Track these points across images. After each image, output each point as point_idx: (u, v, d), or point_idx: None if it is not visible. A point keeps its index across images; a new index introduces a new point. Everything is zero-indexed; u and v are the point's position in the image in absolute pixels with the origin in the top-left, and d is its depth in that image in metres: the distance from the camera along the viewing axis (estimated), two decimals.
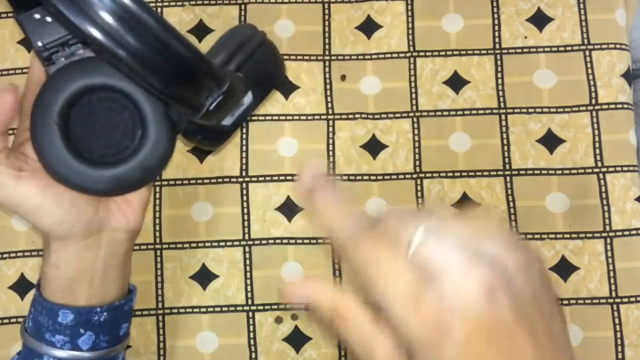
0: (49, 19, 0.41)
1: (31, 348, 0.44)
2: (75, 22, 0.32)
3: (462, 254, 0.29)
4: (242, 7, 0.59)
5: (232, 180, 0.56)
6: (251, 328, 0.54)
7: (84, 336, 0.44)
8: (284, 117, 0.58)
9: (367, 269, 0.30)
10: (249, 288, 0.55)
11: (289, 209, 0.56)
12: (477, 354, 0.28)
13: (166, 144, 0.43)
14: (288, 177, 0.56)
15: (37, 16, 0.41)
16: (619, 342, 0.54)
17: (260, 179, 0.56)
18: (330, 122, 0.58)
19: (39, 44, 0.41)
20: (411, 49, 0.59)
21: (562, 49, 0.59)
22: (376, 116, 0.58)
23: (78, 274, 0.43)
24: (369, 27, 0.59)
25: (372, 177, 0.57)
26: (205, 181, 0.56)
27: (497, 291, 0.28)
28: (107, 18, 0.33)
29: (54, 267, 0.44)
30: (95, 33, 0.33)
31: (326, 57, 0.59)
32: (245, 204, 0.56)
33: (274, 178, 0.57)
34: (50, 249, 0.44)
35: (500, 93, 0.58)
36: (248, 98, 0.42)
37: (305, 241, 0.55)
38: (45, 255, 0.44)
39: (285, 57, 0.58)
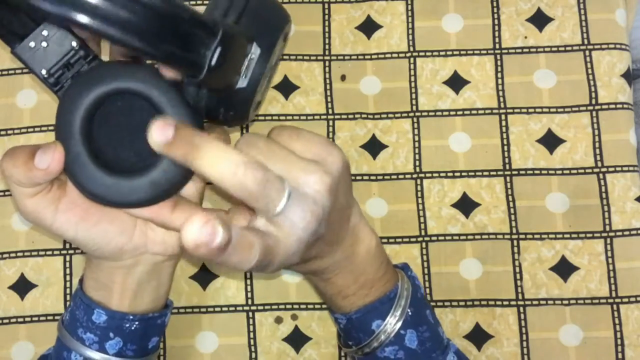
0: (44, 43, 0.40)
1: (63, 341, 0.45)
2: (58, 12, 0.30)
3: (306, 212, 0.38)
4: None
5: None
6: (251, 328, 0.55)
7: (112, 340, 0.44)
8: (283, 117, 0.58)
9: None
10: (249, 288, 0.55)
11: None
12: (304, 247, 0.39)
13: None
14: None
15: (32, 44, 0.40)
16: (619, 342, 0.54)
17: None
18: (330, 122, 0.58)
19: (43, 72, 0.40)
20: (411, 49, 0.59)
21: (562, 49, 0.59)
22: (376, 116, 0.58)
23: (111, 282, 0.44)
24: (369, 27, 0.59)
25: (372, 177, 0.57)
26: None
27: (319, 226, 0.38)
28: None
29: (91, 268, 0.45)
30: (81, 18, 0.31)
31: (326, 57, 0.59)
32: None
33: None
34: (90, 255, 0.45)
35: (500, 93, 0.58)
36: (255, 51, 0.39)
37: None
38: (87, 256, 0.45)
39: (285, 57, 0.58)
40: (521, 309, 0.55)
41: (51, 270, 0.55)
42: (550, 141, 0.57)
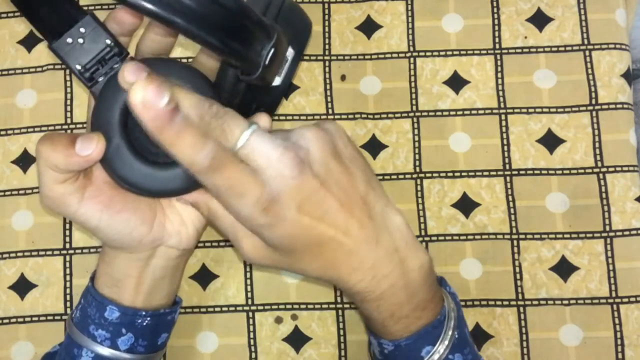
0: (80, 40, 0.41)
1: (73, 339, 0.45)
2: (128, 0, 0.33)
3: (275, 144, 0.37)
4: None
5: None
6: (251, 328, 0.55)
7: (125, 337, 0.44)
8: (284, 117, 0.58)
9: (217, 194, 0.37)
10: (249, 288, 0.55)
11: None
12: (305, 217, 0.37)
13: None
14: None
15: (70, 40, 0.41)
16: (619, 342, 0.54)
17: None
18: None
19: (78, 67, 0.41)
20: (411, 49, 0.59)
21: (562, 49, 0.59)
22: (376, 116, 0.58)
23: (126, 277, 0.44)
24: (369, 27, 0.59)
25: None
26: None
27: (302, 166, 0.37)
28: None
29: (105, 263, 0.45)
30: (148, 5, 0.34)
31: (326, 57, 0.59)
32: None
33: None
34: (105, 248, 0.45)
35: (500, 93, 0.58)
36: (290, 53, 0.42)
37: None
38: (102, 250, 0.46)
39: None
40: (521, 309, 0.55)
41: (51, 270, 0.55)
42: (550, 141, 0.57)
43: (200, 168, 0.35)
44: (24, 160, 0.57)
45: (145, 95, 0.33)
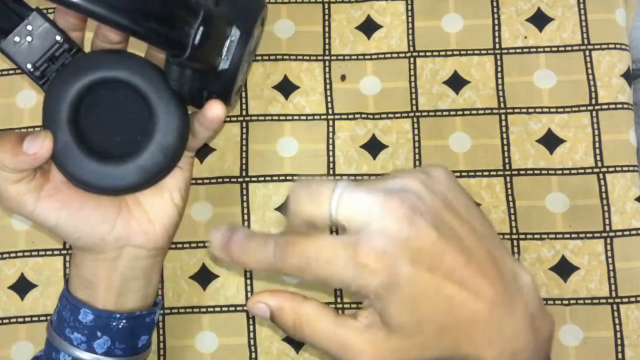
0: (29, 38, 0.40)
1: (51, 342, 0.45)
2: None
3: (373, 195, 0.32)
4: None
5: (232, 180, 0.56)
6: (251, 328, 0.54)
7: (100, 340, 0.44)
8: (283, 117, 0.58)
9: (303, 270, 0.33)
10: (249, 288, 0.55)
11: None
12: (425, 278, 0.31)
13: (177, 116, 0.42)
14: (288, 177, 0.56)
15: (17, 39, 0.40)
16: (619, 342, 0.54)
17: (260, 179, 0.56)
18: (330, 122, 0.58)
19: (29, 65, 0.41)
20: (411, 49, 0.59)
21: (562, 49, 0.59)
22: (376, 116, 0.58)
23: (96, 279, 0.44)
24: (369, 27, 0.59)
25: (372, 177, 0.57)
26: (205, 181, 0.56)
27: (413, 215, 0.31)
28: None
29: (75, 265, 0.45)
30: None
31: (326, 57, 0.59)
32: (245, 204, 0.56)
33: (274, 178, 0.57)
34: (74, 250, 0.45)
35: (500, 93, 0.58)
36: (235, 33, 0.40)
37: None
38: (72, 252, 0.46)
39: (285, 57, 0.58)
40: None
41: (51, 270, 0.55)
42: (550, 141, 0.57)
43: (270, 264, 0.33)
44: None
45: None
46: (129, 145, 0.41)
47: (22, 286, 0.55)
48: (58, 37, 0.41)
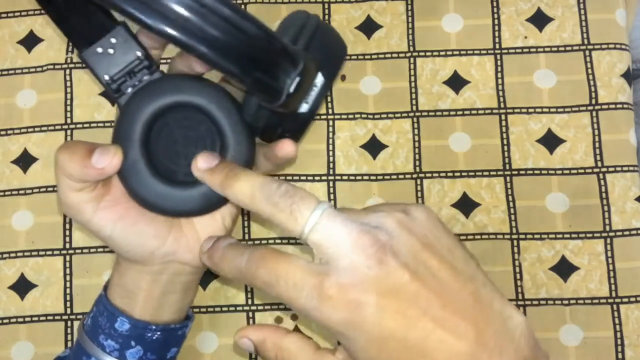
0: (111, 50, 0.41)
1: (83, 346, 0.45)
2: (148, 22, 0.32)
3: (348, 229, 0.32)
4: (242, 7, 0.59)
5: None
6: None
7: (133, 349, 0.44)
8: None
9: (271, 286, 0.34)
10: (249, 288, 0.55)
11: None
12: (394, 316, 0.31)
13: (247, 149, 0.42)
14: (288, 177, 0.57)
15: (100, 50, 0.41)
16: (619, 342, 0.54)
17: None
18: (330, 122, 0.58)
19: (106, 77, 0.41)
20: (411, 49, 0.59)
21: (562, 49, 0.59)
22: (376, 116, 0.58)
23: (137, 289, 0.44)
24: (369, 27, 0.59)
25: (372, 177, 0.57)
26: None
27: (383, 255, 0.31)
28: (179, 11, 0.32)
29: (119, 274, 0.45)
30: (170, 30, 0.32)
31: None
32: None
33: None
34: (119, 258, 0.45)
35: (500, 93, 0.58)
36: (319, 80, 0.41)
37: None
38: (116, 260, 0.46)
39: None
40: (521, 309, 0.55)
41: (51, 270, 0.55)
42: (550, 141, 0.57)
43: (242, 273, 0.35)
44: (24, 160, 0.57)
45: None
46: None
47: (22, 286, 0.55)
48: (139, 53, 0.41)
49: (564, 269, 0.55)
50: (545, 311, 0.55)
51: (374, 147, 0.57)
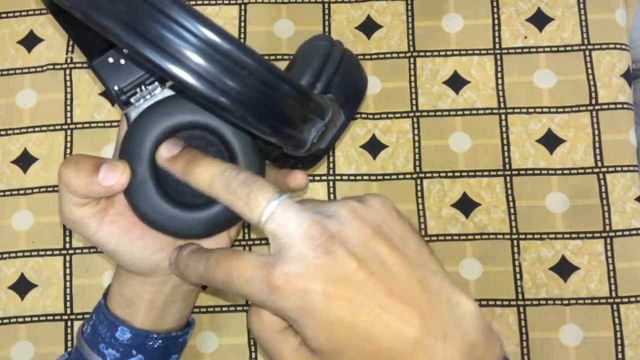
0: (122, 61, 0.40)
1: (82, 354, 0.45)
2: (166, 69, 0.30)
3: (301, 219, 0.33)
4: (242, 7, 0.59)
5: None
6: None
7: (134, 358, 0.44)
8: None
9: (228, 286, 0.34)
10: None
11: None
12: (340, 303, 0.32)
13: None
14: None
15: (111, 60, 0.40)
16: (619, 342, 0.54)
17: None
18: None
19: (116, 88, 0.40)
20: (411, 49, 0.59)
21: (562, 49, 0.59)
22: (376, 116, 0.58)
23: (139, 299, 0.44)
24: (369, 27, 0.59)
25: (372, 177, 0.57)
26: None
27: (331, 244, 0.32)
28: (200, 61, 0.30)
29: (119, 284, 0.44)
30: (191, 80, 0.30)
31: None
32: None
33: None
34: (119, 269, 0.45)
35: (500, 93, 0.58)
36: (341, 118, 0.39)
37: None
38: (116, 270, 0.45)
39: (285, 56, 0.58)
40: (521, 309, 0.55)
41: (51, 270, 0.55)
42: (550, 141, 0.57)
43: (201, 277, 0.36)
44: (24, 160, 0.57)
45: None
46: (204, 194, 0.40)
47: (22, 286, 0.55)
48: None
49: (564, 269, 0.55)
50: (545, 311, 0.55)
51: (374, 147, 0.57)
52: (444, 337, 0.32)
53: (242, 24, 0.59)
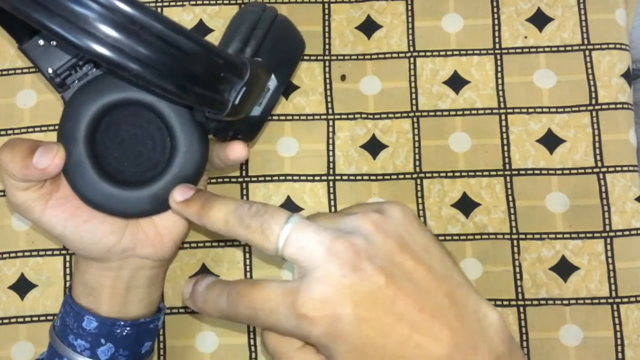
0: (53, 42, 0.39)
1: (54, 348, 0.45)
2: (75, 41, 0.29)
3: (321, 237, 0.32)
4: (242, 7, 0.59)
5: (232, 180, 0.56)
6: (251, 327, 0.54)
7: (104, 347, 0.43)
8: (283, 117, 0.58)
9: (253, 320, 0.33)
10: None
11: (288, 209, 0.56)
12: (371, 324, 0.30)
13: (199, 151, 0.40)
14: (288, 177, 0.56)
15: (41, 42, 0.39)
16: (619, 342, 0.54)
17: (260, 179, 0.56)
18: (330, 122, 0.58)
19: (50, 70, 0.39)
20: (411, 49, 0.59)
21: (562, 49, 0.59)
22: (376, 116, 0.58)
23: (101, 286, 0.44)
24: (369, 27, 0.59)
25: (372, 177, 0.57)
26: None
27: (358, 261, 0.31)
28: (109, 31, 0.29)
29: (79, 272, 0.44)
30: (100, 49, 0.29)
31: (326, 57, 0.59)
32: None
33: (274, 178, 0.57)
34: (78, 257, 0.44)
35: (500, 93, 0.58)
36: (272, 82, 0.39)
37: None
38: (75, 258, 0.45)
39: None
40: (521, 309, 0.55)
41: (51, 270, 0.55)
42: (550, 141, 0.57)
43: (225, 314, 0.35)
44: None
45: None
46: (145, 171, 0.40)
47: (22, 286, 0.55)
48: None
49: (564, 269, 0.55)
50: (545, 311, 0.55)
51: (374, 147, 0.57)
52: (474, 351, 0.32)
53: None
